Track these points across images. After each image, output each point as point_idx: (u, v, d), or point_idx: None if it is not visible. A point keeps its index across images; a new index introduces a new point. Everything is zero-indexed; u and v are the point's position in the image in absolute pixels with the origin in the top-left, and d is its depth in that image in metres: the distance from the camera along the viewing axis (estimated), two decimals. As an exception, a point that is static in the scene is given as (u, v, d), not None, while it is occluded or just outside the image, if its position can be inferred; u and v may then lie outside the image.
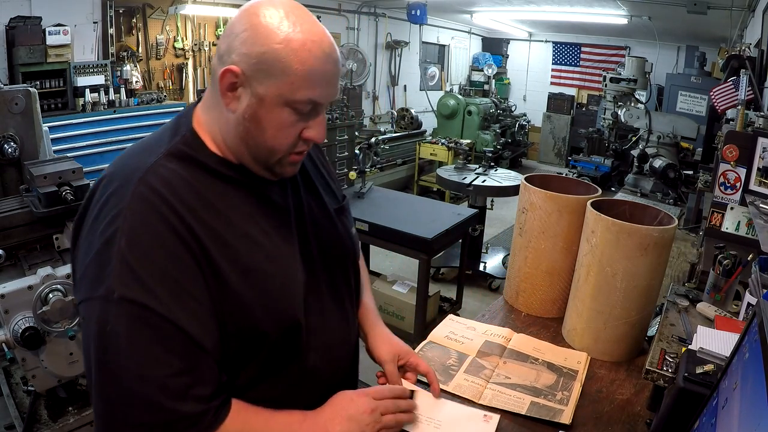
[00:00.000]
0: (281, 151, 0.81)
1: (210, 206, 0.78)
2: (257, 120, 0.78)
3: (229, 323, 0.78)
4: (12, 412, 2.08)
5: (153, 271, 0.71)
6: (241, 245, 0.80)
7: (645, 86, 6.47)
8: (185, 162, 0.80)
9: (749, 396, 0.62)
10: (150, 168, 0.77)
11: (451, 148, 6.13)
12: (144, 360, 0.70)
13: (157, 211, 0.73)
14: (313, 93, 0.77)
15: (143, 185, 0.74)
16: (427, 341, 1.28)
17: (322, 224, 0.96)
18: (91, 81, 4.16)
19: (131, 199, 0.73)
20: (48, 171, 2.18)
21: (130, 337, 0.70)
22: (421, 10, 6.59)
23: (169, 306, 0.71)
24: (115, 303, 0.70)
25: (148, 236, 0.72)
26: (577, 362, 1.24)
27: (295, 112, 0.78)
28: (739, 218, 1.71)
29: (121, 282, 0.70)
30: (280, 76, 0.75)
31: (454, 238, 3.32)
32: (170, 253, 0.73)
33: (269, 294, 0.82)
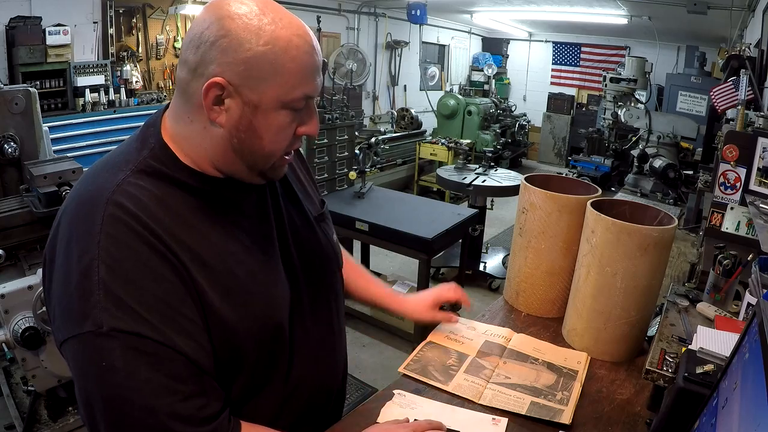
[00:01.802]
0: (278, 155, 0.78)
1: (185, 224, 0.73)
2: (252, 128, 0.73)
3: (213, 342, 0.74)
4: (12, 412, 2.08)
5: (140, 296, 0.67)
6: (220, 264, 0.75)
7: (645, 86, 6.47)
8: (155, 178, 0.74)
9: (749, 396, 0.62)
10: (118, 187, 0.71)
11: (451, 148, 6.14)
12: (148, 391, 0.67)
13: (133, 232, 0.68)
14: (307, 88, 0.74)
15: (113, 206, 0.69)
16: (426, 341, 1.28)
17: (303, 234, 0.92)
18: (91, 81, 4.16)
19: (103, 222, 0.68)
20: (48, 171, 2.19)
21: (128, 370, 0.66)
22: (421, 10, 6.59)
23: (163, 331, 0.67)
24: (105, 337, 0.65)
25: (129, 260, 0.67)
26: (577, 362, 1.24)
27: (291, 112, 0.75)
28: (739, 218, 1.71)
29: (108, 313, 0.65)
30: (273, 78, 0.71)
31: (454, 238, 3.32)
32: (155, 274, 0.68)
33: (251, 313, 0.78)
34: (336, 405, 1.04)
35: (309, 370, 0.91)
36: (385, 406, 1.04)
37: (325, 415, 1.00)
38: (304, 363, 0.89)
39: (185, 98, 0.75)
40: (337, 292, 1.02)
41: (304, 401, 0.91)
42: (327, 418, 1.00)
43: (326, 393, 0.97)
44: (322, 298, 0.95)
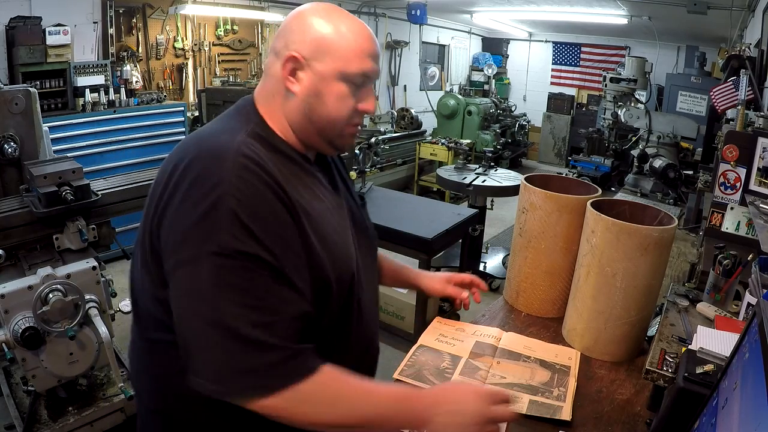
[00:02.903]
0: (341, 121, 0.91)
1: (290, 182, 0.86)
2: (319, 95, 0.88)
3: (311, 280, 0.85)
4: (12, 412, 2.08)
5: (264, 229, 0.78)
6: (318, 216, 0.89)
7: (645, 86, 6.46)
8: (262, 144, 0.87)
9: (749, 396, 0.62)
10: (242, 143, 0.84)
11: (451, 148, 6.13)
12: (259, 308, 0.77)
13: (260, 178, 0.80)
14: (364, 66, 0.88)
15: (242, 157, 0.81)
16: (418, 345, 1.28)
17: (357, 213, 1.07)
18: (91, 81, 4.15)
19: (234, 167, 0.79)
20: (48, 171, 2.18)
21: (245, 287, 0.76)
22: (421, 10, 6.59)
23: (281, 259, 0.79)
24: (230, 257, 0.75)
25: (256, 198, 0.79)
26: (568, 358, 1.24)
27: (349, 86, 0.88)
28: (739, 218, 1.71)
29: (235, 237, 0.76)
30: (335, 53, 0.87)
31: (454, 238, 3.32)
32: (276, 215, 0.81)
33: (338, 261, 0.91)
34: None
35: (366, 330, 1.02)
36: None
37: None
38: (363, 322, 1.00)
39: (270, 79, 0.92)
40: (376, 269, 1.14)
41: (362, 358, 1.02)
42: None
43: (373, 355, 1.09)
44: (369, 270, 1.06)
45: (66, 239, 2.20)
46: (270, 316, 0.78)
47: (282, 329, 0.78)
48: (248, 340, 0.75)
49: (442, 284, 1.28)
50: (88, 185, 2.23)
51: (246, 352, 0.76)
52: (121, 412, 2.18)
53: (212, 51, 5.51)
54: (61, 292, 1.80)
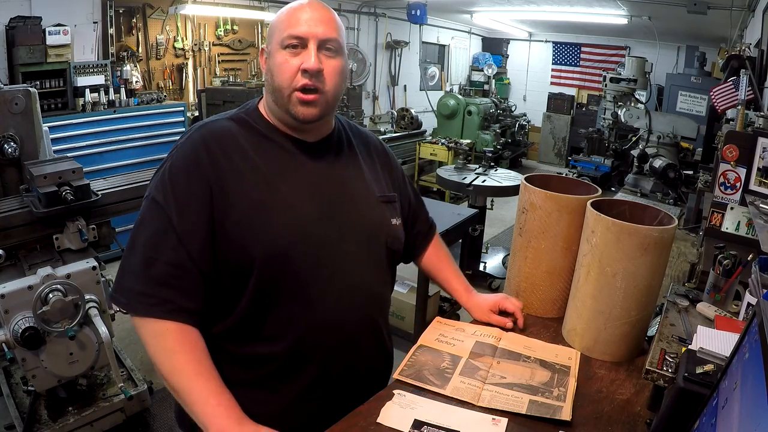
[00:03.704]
0: (285, 86, 1.00)
1: (244, 153, 1.02)
2: (269, 69, 1.03)
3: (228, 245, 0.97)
4: (12, 412, 2.08)
5: (174, 186, 0.98)
6: (258, 184, 1.01)
7: (645, 86, 6.47)
8: (240, 123, 1.07)
9: (749, 396, 0.62)
10: (209, 123, 1.07)
11: (451, 148, 6.13)
12: (148, 242, 0.96)
13: (194, 151, 1.01)
14: (294, 29, 0.99)
15: (197, 134, 1.04)
16: (417, 345, 1.28)
17: (357, 201, 1.12)
18: (91, 81, 4.16)
19: (185, 140, 1.04)
20: (48, 171, 2.19)
21: (147, 223, 0.98)
22: (421, 10, 6.59)
23: (174, 211, 0.96)
24: (149, 200, 1.00)
25: (181, 165, 1.00)
26: (568, 358, 1.24)
27: (288, 51, 1.00)
28: (739, 218, 1.71)
29: (155, 188, 1.00)
30: (275, 29, 1.03)
31: (454, 238, 3.32)
32: (191, 180, 0.98)
33: (271, 224, 0.99)
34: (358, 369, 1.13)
35: (335, 312, 1.05)
36: (385, 406, 1.04)
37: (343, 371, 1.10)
38: (330, 302, 1.04)
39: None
40: (382, 263, 1.16)
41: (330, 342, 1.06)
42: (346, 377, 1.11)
43: (341, 345, 1.08)
44: (362, 257, 1.10)
45: (66, 239, 2.20)
46: (153, 252, 0.95)
47: (157, 268, 0.95)
48: (134, 265, 0.96)
49: (486, 313, 1.35)
50: (88, 185, 2.23)
51: (129, 273, 0.97)
52: (121, 412, 2.18)
53: (212, 51, 5.51)
54: (61, 292, 1.80)
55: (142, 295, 0.94)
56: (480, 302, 1.37)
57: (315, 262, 1.03)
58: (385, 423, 0.99)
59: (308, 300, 1.03)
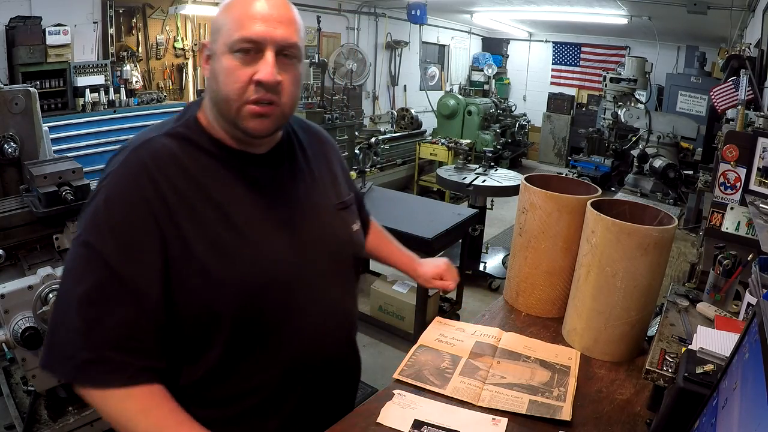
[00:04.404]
0: (234, 97, 0.84)
1: (190, 179, 0.86)
2: (214, 74, 0.87)
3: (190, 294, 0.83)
4: (12, 412, 2.08)
5: (113, 226, 0.81)
6: (213, 217, 0.86)
7: (645, 86, 6.47)
8: (179, 140, 0.89)
9: (749, 396, 0.62)
10: (145, 142, 0.88)
11: (451, 148, 6.13)
12: (86, 299, 0.79)
13: (134, 179, 0.83)
14: (247, 31, 0.83)
15: (133, 156, 0.86)
16: (418, 345, 1.28)
17: (319, 215, 1.01)
18: (91, 81, 4.16)
19: (119, 166, 0.85)
20: (48, 171, 2.18)
21: (81, 275, 0.81)
22: (421, 10, 6.59)
23: (117, 258, 0.80)
24: (79, 244, 0.82)
25: (119, 198, 0.82)
26: (568, 358, 1.24)
27: (238, 56, 0.84)
28: (739, 218, 1.71)
29: (86, 228, 0.82)
30: (222, 28, 0.85)
31: (454, 238, 3.32)
32: (133, 216, 0.81)
33: (236, 265, 0.86)
34: (337, 386, 1.08)
35: (306, 345, 0.96)
36: (385, 406, 1.04)
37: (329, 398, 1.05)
38: (299, 336, 0.95)
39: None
40: (349, 276, 1.09)
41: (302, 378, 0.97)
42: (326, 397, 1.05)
43: (333, 372, 1.03)
44: (331, 276, 1.01)
45: (66, 239, 2.20)
46: (95, 311, 0.79)
47: (104, 329, 0.79)
48: (72, 327, 0.79)
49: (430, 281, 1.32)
50: (88, 185, 2.23)
51: (67, 337, 0.80)
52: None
53: (212, 51, 5.50)
54: (61, 292, 1.80)
55: (91, 363, 0.78)
56: (424, 272, 1.33)
57: (287, 297, 0.92)
58: (385, 423, 0.99)
59: (284, 336, 0.93)
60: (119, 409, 0.80)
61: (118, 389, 0.79)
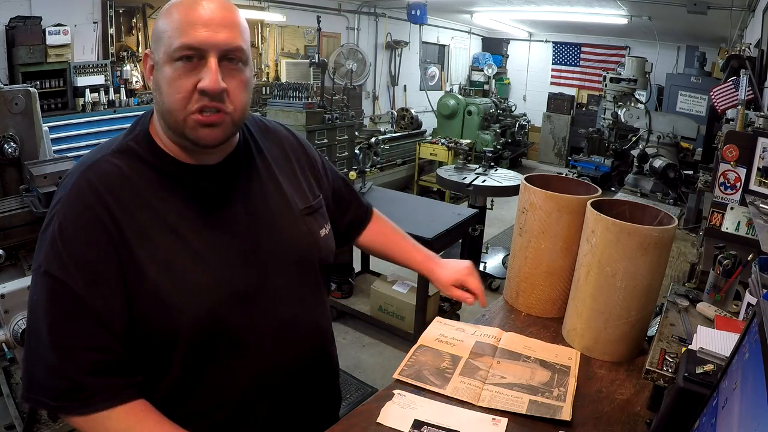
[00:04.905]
0: (178, 109, 0.81)
1: (142, 201, 0.84)
2: (157, 85, 0.83)
3: (145, 316, 0.82)
4: (12, 412, 2.08)
5: (74, 253, 0.79)
6: (165, 240, 0.84)
7: (645, 86, 6.47)
8: (129, 157, 0.86)
9: (749, 396, 0.62)
10: (94, 163, 0.85)
11: (451, 148, 6.14)
12: (56, 330, 0.79)
13: (86, 203, 0.81)
14: (187, 38, 0.78)
15: (82, 179, 0.83)
16: (418, 345, 1.28)
17: (280, 224, 0.97)
18: (91, 81, 4.16)
19: (70, 190, 0.83)
20: (48, 171, 2.19)
21: (47, 307, 0.80)
22: (421, 10, 6.59)
23: (82, 285, 0.78)
24: (41, 275, 0.80)
25: (75, 224, 0.80)
26: (568, 358, 1.24)
27: (179, 64, 0.79)
28: (739, 218, 1.71)
29: (47, 259, 0.80)
30: (162, 37, 0.81)
31: (454, 238, 3.32)
32: (91, 240, 0.80)
33: (189, 289, 0.84)
34: (314, 403, 1.08)
35: (275, 359, 0.95)
36: (385, 406, 1.04)
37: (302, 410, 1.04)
38: (267, 349, 0.93)
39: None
40: (316, 285, 1.04)
41: (275, 393, 0.96)
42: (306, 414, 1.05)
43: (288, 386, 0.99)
44: (293, 287, 0.98)
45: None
46: (67, 341, 0.79)
47: (78, 357, 0.79)
48: (47, 359, 0.79)
49: (449, 288, 1.27)
50: (88, 185, 2.23)
51: (44, 369, 0.79)
52: (121, 412, 2.18)
53: (212, 51, 5.50)
54: (61, 292, 1.80)
55: (71, 391, 0.78)
56: (441, 276, 1.27)
57: (246, 314, 0.90)
58: (385, 423, 0.99)
59: (245, 352, 0.91)
60: (105, 428, 0.80)
61: (102, 412, 0.79)
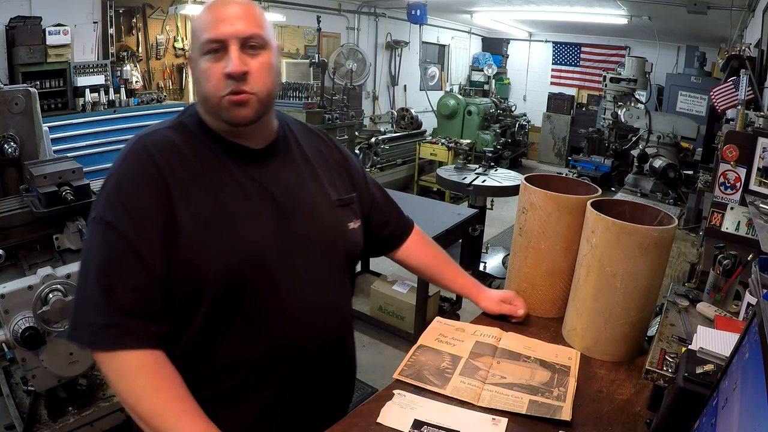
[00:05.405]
0: (212, 95, 0.94)
1: (188, 166, 0.95)
2: (195, 78, 0.98)
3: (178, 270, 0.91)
4: (12, 412, 2.08)
5: (127, 204, 0.91)
6: (205, 202, 0.94)
7: (645, 86, 6.47)
8: (180, 132, 0.99)
9: (749, 396, 0.62)
10: (149, 134, 0.98)
11: (451, 148, 6.13)
12: (104, 270, 0.89)
13: (141, 164, 0.93)
14: (210, 33, 0.93)
15: (139, 144, 0.96)
16: (418, 345, 1.28)
17: (311, 209, 1.06)
18: (91, 81, 4.16)
19: (127, 154, 0.96)
20: (48, 171, 2.18)
21: (99, 250, 0.90)
22: (421, 10, 6.59)
23: (132, 231, 0.89)
24: (96, 223, 0.92)
25: (130, 180, 0.93)
26: (568, 358, 1.24)
27: (209, 57, 0.93)
28: (739, 218, 1.71)
29: (103, 208, 0.92)
30: (194, 35, 0.97)
31: (454, 238, 3.32)
32: (143, 194, 0.92)
33: (219, 246, 0.93)
34: (326, 391, 1.12)
35: (293, 330, 1.01)
36: (385, 406, 1.04)
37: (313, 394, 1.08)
38: (278, 317, 0.99)
39: None
40: (340, 273, 1.11)
41: (293, 363, 1.03)
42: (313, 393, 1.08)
43: (301, 362, 1.04)
44: (319, 269, 1.05)
45: (66, 239, 2.20)
46: (112, 279, 0.88)
47: (119, 296, 0.88)
48: (92, 297, 0.88)
49: (497, 305, 1.38)
50: (88, 185, 2.23)
51: (88, 307, 0.89)
52: (121, 412, 2.18)
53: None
54: (61, 292, 1.80)
55: (108, 327, 0.87)
56: (490, 295, 1.39)
57: (269, 282, 0.97)
58: (385, 423, 0.99)
59: (264, 320, 0.98)
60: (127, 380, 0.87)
61: (126, 353, 0.87)
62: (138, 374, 0.87)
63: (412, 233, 1.39)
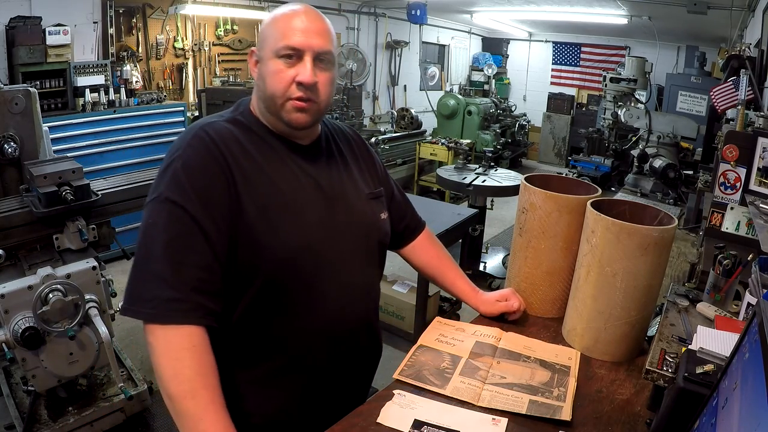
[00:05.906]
0: (278, 96, 1.01)
1: (248, 155, 1.02)
2: (261, 76, 1.04)
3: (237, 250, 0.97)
4: (12, 412, 2.08)
5: (194, 184, 0.95)
6: (264, 188, 1.01)
7: (645, 86, 6.47)
8: (237, 125, 1.06)
9: (749, 396, 0.62)
10: (209, 124, 1.04)
11: (451, 148, 6.13)
12: (171, 246, 0.92)
13: (207, 148, 0.99)
14: (289, 41, 0.99)
15: (202, 131, 1.01)
16: (417, 345, 1.28)
17: (352, 200, 1.14)
18: (91, 81, 4.15)
19: (191, 138, 1.00)
20: (48, 171, 2.19)
21: (166, 227, 0.93)
22: (421, 10, 6.59)
23: (199, 209, 0.94)
24: (161, 202, 0.95)
25: (197, 162, 0.97)
26: (568, 358, 1.24)
27: (282, 61, 1.00)
28: (739, 218, 1.71)
29: (168, 188, 0.95)
30: (269, 37, 1.02)
31: (454, 238, 3.32)
32: (209, 176, 0.97)
33: (278, 230, 1.00)
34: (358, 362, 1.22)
35: (333, 310, 1.08)
36: (385, 406, 1.04)
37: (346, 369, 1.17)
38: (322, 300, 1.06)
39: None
40: (374, 261, 1.20)
41: (326, 342, 1.09)
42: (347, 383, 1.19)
43: (336, 345, 1.12)
44: (357, 254, 1.13)
45: (66, 239, 2.20)
46: (180, 256, 0.92)
47: (186, 272, 0.92)
48: (157, 272, 0.91)
49: (494, 304, 1.39)
50: (88, 185, 2.23)
51: (152, 280, 0.91)
52: (121, 412, 2.18)
53: (212, 51, 5.51)
54: (61, 292, 1.80)
55: (173, 301, 0.90)
56: (486, 298, 1.42)
57: (318, 265, 1.05)
58: (385, 423, 0.99)
59: (311, 301, 1.05)
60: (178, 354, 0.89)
61: (183, 327, 0.90)
62: (186, 352, 0.89)
63: (423, 232, 1.45)
